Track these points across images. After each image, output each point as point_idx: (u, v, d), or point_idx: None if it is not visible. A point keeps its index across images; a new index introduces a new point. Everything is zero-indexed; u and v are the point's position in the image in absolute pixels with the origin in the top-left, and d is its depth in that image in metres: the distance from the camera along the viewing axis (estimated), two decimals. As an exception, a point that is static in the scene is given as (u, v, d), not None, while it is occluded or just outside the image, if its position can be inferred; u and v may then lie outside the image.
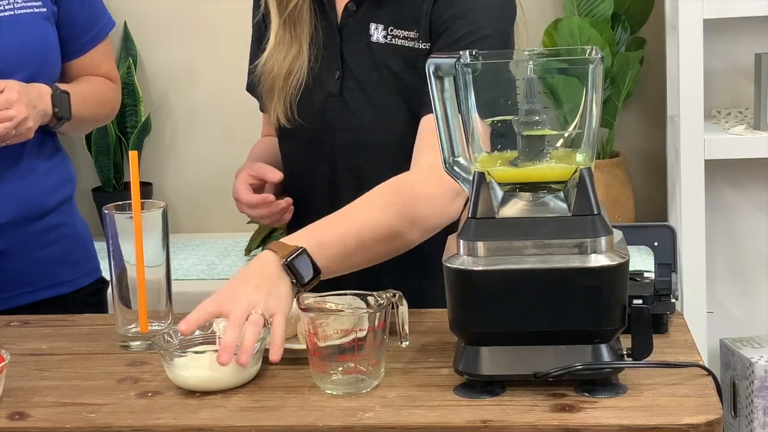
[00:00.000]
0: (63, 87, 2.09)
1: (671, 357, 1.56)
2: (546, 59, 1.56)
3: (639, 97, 3.25)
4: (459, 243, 1.46)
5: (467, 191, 1.52)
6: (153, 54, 3.38)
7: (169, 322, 1.71)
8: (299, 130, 1.93)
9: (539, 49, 1.57)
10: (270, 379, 1.56)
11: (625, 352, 1.49)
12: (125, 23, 3.31)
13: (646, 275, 1.69)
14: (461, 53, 1.52)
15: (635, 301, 1.55)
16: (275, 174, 1.92)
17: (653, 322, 1.54)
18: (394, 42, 1.86)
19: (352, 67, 1.89)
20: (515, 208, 1.47)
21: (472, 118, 1.50)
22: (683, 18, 2.81)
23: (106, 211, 1.69)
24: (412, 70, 1.83)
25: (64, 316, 1.90)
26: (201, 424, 1.44)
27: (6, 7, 2.04)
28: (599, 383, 1.46)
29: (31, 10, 2.07)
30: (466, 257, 1.46)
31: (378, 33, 1.87)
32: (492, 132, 1.52)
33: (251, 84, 2.02)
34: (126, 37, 3.33)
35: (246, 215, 1.97)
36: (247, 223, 3.14)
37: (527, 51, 1.56)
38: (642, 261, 2.60)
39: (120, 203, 1.71)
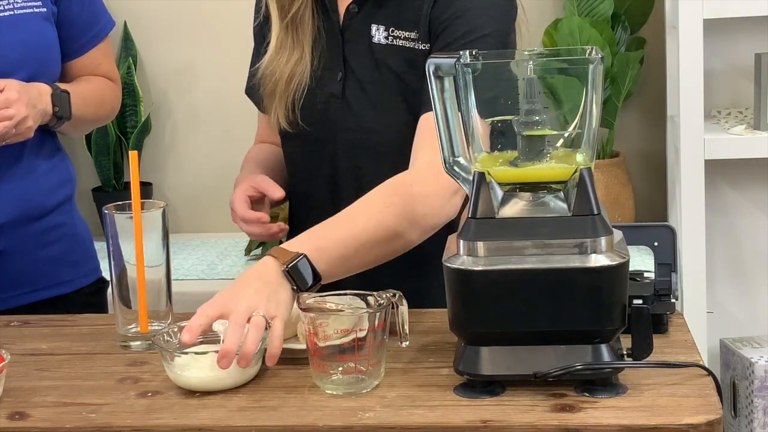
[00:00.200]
0: (63, 86, 2.09)
1: (671, 357, 1.56)
2: (546, 59, 1.56)
3: (639, 97, 3.25)
4: (459, 243, 1.46)
5: (467, 191, 1.52)
6: (153, 54, 3.38)
7: (169, 322, 1.71)
8: (301, 131, 1.93)
9: (539, 49, 1.58)
10: (270, 379, 1.56)
11: (625, 352, 1.49)
12: (125, 23, 3.31)
13: (646, 275, 1.69)
14: (461, 53, 1.52)
15: (635, 301, 1.55)
16: (276, 191, 1.89)
17: (653, 322, 1.54)
18: (395, 43, 1.86)
19: (354, 68, 1.89)
20: (515, 208, 1.47)
21: (472, 118, 1.50)
22: (683, 18, 2.81)
23: (106, 211, 1.69)
24: (412, 70, 1.83)
25: (64, 316, 1.90)
26: (201, 424, 1.44)
27: (6, 7, 2.04)
28: (599, 383, 1.46)
29: (31, 10, 2.07)
30: (466, 257, 1.46)
31: (379, 34, 1.87)
32: (492, 132, 1.52)
33: (251, 88, 2.01)
34: (126, 37, 3.33)
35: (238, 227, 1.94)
36: (247, 223, 3.15)
37: (527, 51, 1.56)
38: (642, 261, 2.60)
39: (120, 203, 1.71)
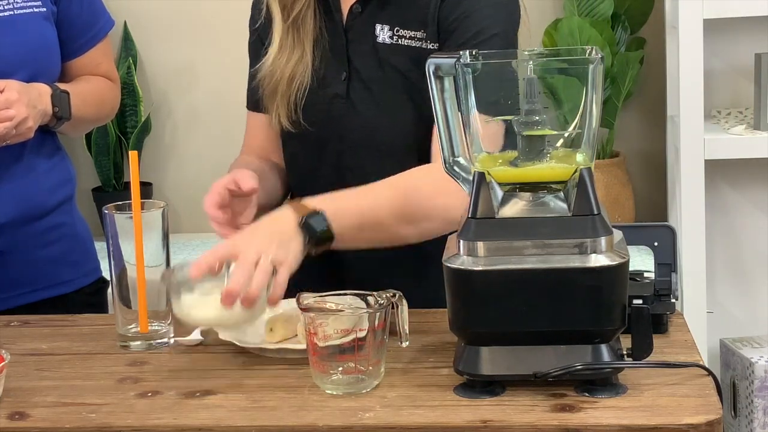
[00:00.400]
0: (63, 87, 2.09)
1: (671, 357, 1.56)
2: (546, 59, 1.56)
3: (639, 97, 3.25)
4: (459, 243, 1.46)
5: (467, 191, 1.52)
6: (153, 54, 3.38)
7: (169, 322, 1.71)
8: (303, 131, 1.92)
9: (539, 49, 1.58)
10: (270, 379, 1.56)
11: (625, 352, 1.49)
12: (125, 23, 3.31)
13: (646, 275, 1.69)
14: (461, 53, 1.52)
15: (635, 301, 1.55)
16: (249, 182, 1.83)
17: (653, 322, 1.54)
18: (400, 42, 1.86)
19: (358, 68, 1.89)
20: (515, 208, 1.47)
21: (472, 118, 1.50)
22: (683, 18, 2.81)
23: (106, 211, 1.69)
24: (418, 69, 1.83)
25: (64, 316, 1.90)
26: (201, 424, 1.44)
27: (6, 7, 2.04)
28: (599, 383, 1.46)
29: (31, 10, 2.07)
30: (466, 257, 1.46)
31: (384, 33, 1.87)
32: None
33: (252, 90, 2.00)
34: (126, 37, 3.33)
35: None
36: (247, 223, 3.14)
37: (527, 51, 1.56)
38: (642, 261, 2.59)
39: (120, 203, 1.71)
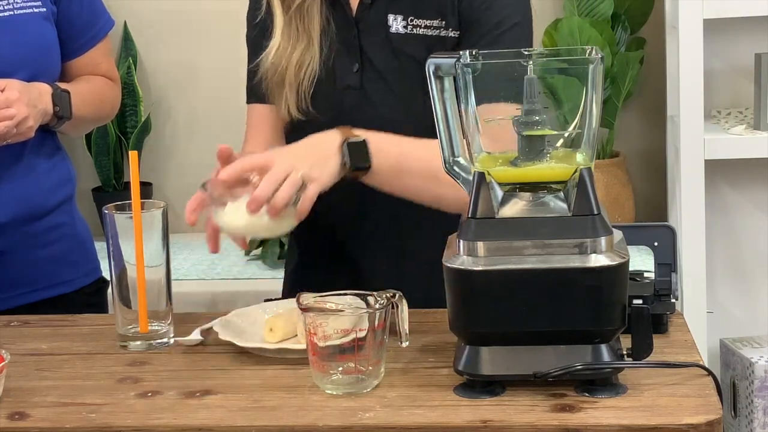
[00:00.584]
0: (63, 86, 2.09)
1: (671, 357, 1.56)
2: (546, 59, 1.56)
3: (639, 97, 3.25)
4: (459, 243, 1.46)
5: (467, 191, 1.52)
6: (153, 54, 3.38)
7: (169, 322, 1.71)
8: (314, 122, 1.90)
9: (539, 49, 1.57)
10: (270, 379, 1.56)
11: (625, 352, 1.49)
12: (125, 23, 3.31)
13: (646, 275, 1.69)
14: (461, 53, 1.52)
15: (635, 301, 1.55)
16: (224, 171, 1.76)
17: (653, 322, 1.54)
18: (415, 32, 1.86)
19: (372, 59, 1.89)
20: (515, 208, 1.47)
21: (472, 118, 1.50)
22: (683, 18, 2.81)
23: (106, 211, 1.69)
24: None
25: (64, 316, 1.90)
26: (201, 424, 1.44)
27: (6, 8, 2.04)
28: (599, 383, 1.46)
29: (31, 10, 2.07)
30: (466, 257, 1.46)
31: (397, 23, 1.87)
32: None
33: (254, 87, 1.99)
34: (126, 37, 3.33)
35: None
36: (247, 223, 3.14)
37: (527, 51, 1.56)
38: (642, 261, 2.59)
39: (120, 203, 1.71)
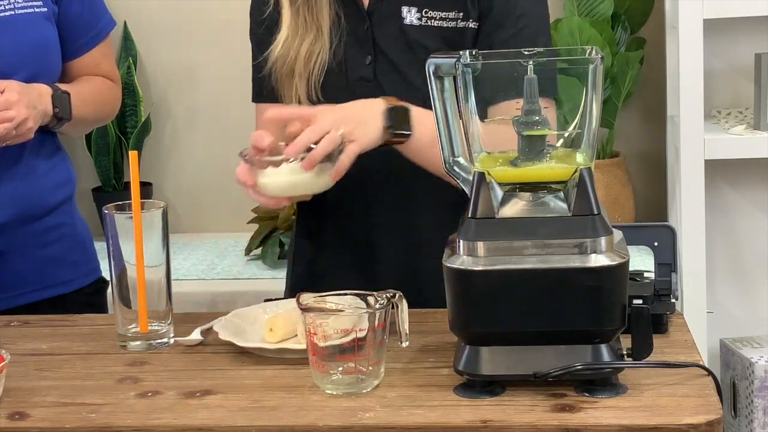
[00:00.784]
0: (63, 87, 2.09)
1: (671, 357, 1.56)
2: (546, 59, 1.56)
3: (639, 97, 3.25)
4: (459, 243, 1.46)
5: (467, 191, 1.52)
6: (153, 54, 3.38)
7: (169, 322, 1.71)
8: None
9: (539, 49, 1.57)
10: (270, 379, 1.56)
11: (625, 352, 1.49)
12: (125, 23, 3.31)
13: (646, 275, 1.69)
14: (461, 53, 1.52)
15: (635, 301, 1.55)
16: (262, 140, 1.77)
17: (653, 322, 1.54)
18: (430, 24, 1.87)
19: (385, 51, 1.89)
20: (515, 208, 1.47)
21: (472, 118, 1.50)
22: (683, 18, 2.81)
23: (106, 211, 1.69)
24: (451, 50, 1.81)
25: (64, 316, 1.90)
26: (201, 424, 1.44)
27: (6, 7, 2.04)
28: (599, 383, 1.46)
29: (32, 9, 2.07)
30: (466, 257, 1.46)
31: (411, 15, 1.87)
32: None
33: (261, 79, 1.97)
34: (126, 37, 3.33)
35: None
36: (247, 223, 3.15)
37: (527, 51, 1.56)
38: (642, 261, 2.59)
39: (120, 203, 1.71)
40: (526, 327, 1.46)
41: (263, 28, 1.97)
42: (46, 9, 2.09)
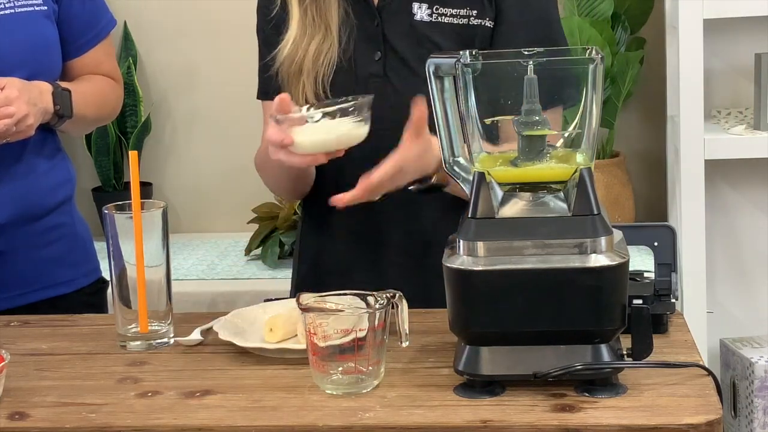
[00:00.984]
0: (64, 85, 2.09)
1: (671, 357, 1.56)
2: (546, 59, 1.56)
3: (639, 97, 3.25)
4: (459, 243, 1.46)
5: (467, 191, 1.52)
6: (153, 54, 3.38)
7: (169, 322, 1.71)
8: None
9: (539, 49, 1.57)
10: (270, 379, 1.56)
11: (625, 352, 1.49)
12: (125, 23, 3.31)
13: (646, 275, 1.69)
14: (461, 53, 1.52)
15: (635, 301, 1.55)
16: (287, 101, 1.75)
17: (653, 322, 1.54)
18: (440, 20, 1.87)
19: (395, 47, 1.89)
20: (515, 208, 1.47)
21: (472, 118, 1.50)
22: (683, 18, 2.81)
23: (106, 211, 1.69)
24: (462, 47, 1.79)
25: (64, 316, 1.90)
26: (201, 424, 1.44)
27: (6, 6, 2.04)
28: (599, 383, 1.46)
29: (32, 8, 2.07)
30: (466, 257, 1.46)
31: (422, 12, 1.87)
32: (493, 131, 1.52)
33: (268, 78, 1.95)
34: (126, 37, 3.33)
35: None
36: (247, 223, 3.15)
37: (527, 51, 1.56)
38: (642, 261, 2.59)
39: (120, 203, 1.71)
40: (526, 327, 1.46)
41: (271, 26, 1.96)
42: (46, 7, 2.09)
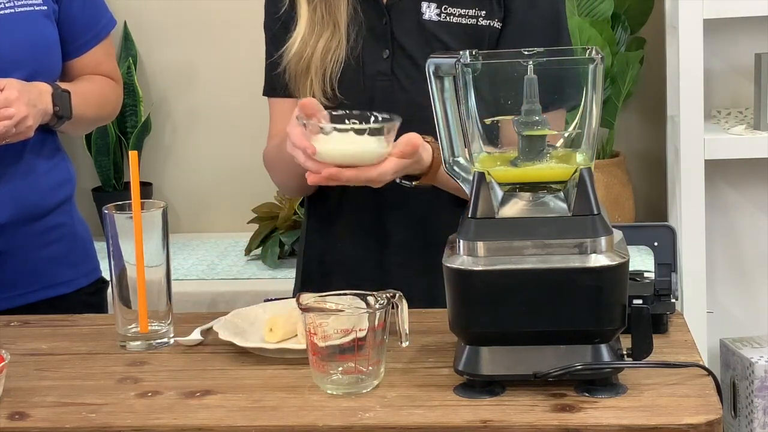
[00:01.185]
0: (64, 86, 2.09)
1: (671, 357, 1.56)
2: (546, 59, 1.56)
3: (639, 97, 3.25)
4: (459, 243, 1.46)
5: (467, 191, 1.52)
6: (153, 54, 3.38)
7: (169, 322, 1.71)
8: (341, 108, 1.85)
9: (539, 49, 1.57)
10: (270, 379, 1.56)
11: (625, 352, 1.49)
12: (125, 23, 3.31)
13: (646, 275, 1.69)
14: (461, 53, 1.52)
15: (635, 301, 1.55)
16: (313, 105, 1.74)
17: (653, 322, 1.54)
18: (449, 20, 1.87)
19: (403, 45, 1.89)
20: (515, 208, 1.47)
21: (472, 118, 1.50)
22: (683, 18, 2.81)
23: (106, 211, 1.69)
24: (470, 47, 1.79)
25: (64, 316, 1.90)
26: (201, 424, 1.44)
27: (6, 5, 2.04)
28: (599, 383, 1.46)
29: (32, 8, 2.07)
30: (466, 257, 1.46)
31: (430, 11, 1.87)
32: (493, 131, 1.52)
33: (274, 78, 1.95)
34: (126, 37, 3.33)
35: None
36: (247, 223, 3.15)
37: (527, 51, 1.56)
38: (642, 261, 2.60)
39: (120, 203, 1.71)
40: (526, 327, 1.46)
41: (278, 24, 1.96)
42: (46, 7, 2.09)
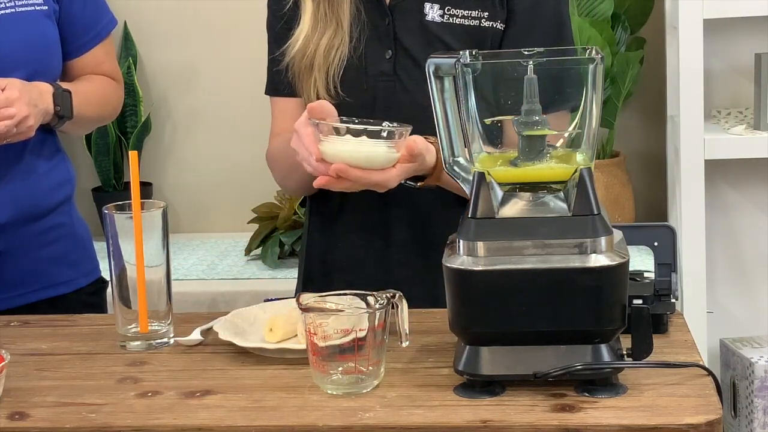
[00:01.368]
0: (65, 86, 2.09)
1: (671, 357, 1.56)
2: (546, 59, 1.56)
3: (639, 97, 3.25)
4: (459, 243, 1.46)
5: (467, 191, 1.52)
6: (153, 54, 3.38)
7: (169, 322, 1.71)
8: (343, 106, 1.87)
9: (539, 49, 1.57)
10: (270, 379, 1.56)
11: (625, 352, 1.49)
12: (125, 23, 3.31)
13: (646, 275, 1.69)
14: (461, 53, 1.52)
15: (635, 301, 1.55)
16: (323, 108, 1.74)
17: (653, 322, 1.54)
18: (452, 21, 1.87)
19: (406, 46, 1.89)
20: (515, 208, 1.47)
21: (472, 118, 1.50)
22: (683, 18, 2.81)
23: (106, 211, 1.69)
24: (473, 48, 1.79)
25: (64, 316, 1.90)
26: (201, 424, 1.44)
27: (7, 5, 2.04)
28: (599, 383, 1.46)
29: (33, 7, 2.07)
30: (466, 257, 1.46)
31: (433, 12, 1.88)
32: (493, 131, 1.52)
33: (277, 73, 1.95)
34: (126, 37, 3.33)
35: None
36: (247, 223, 3.15)
37: (527, 51, 1.56)
38: (642, 261, 2.60)
39: (120, 203, 1.71)
40: (526, 327, 1.46)
41: (282, 22, 1.96)
42: (47, 7, 2.09)
